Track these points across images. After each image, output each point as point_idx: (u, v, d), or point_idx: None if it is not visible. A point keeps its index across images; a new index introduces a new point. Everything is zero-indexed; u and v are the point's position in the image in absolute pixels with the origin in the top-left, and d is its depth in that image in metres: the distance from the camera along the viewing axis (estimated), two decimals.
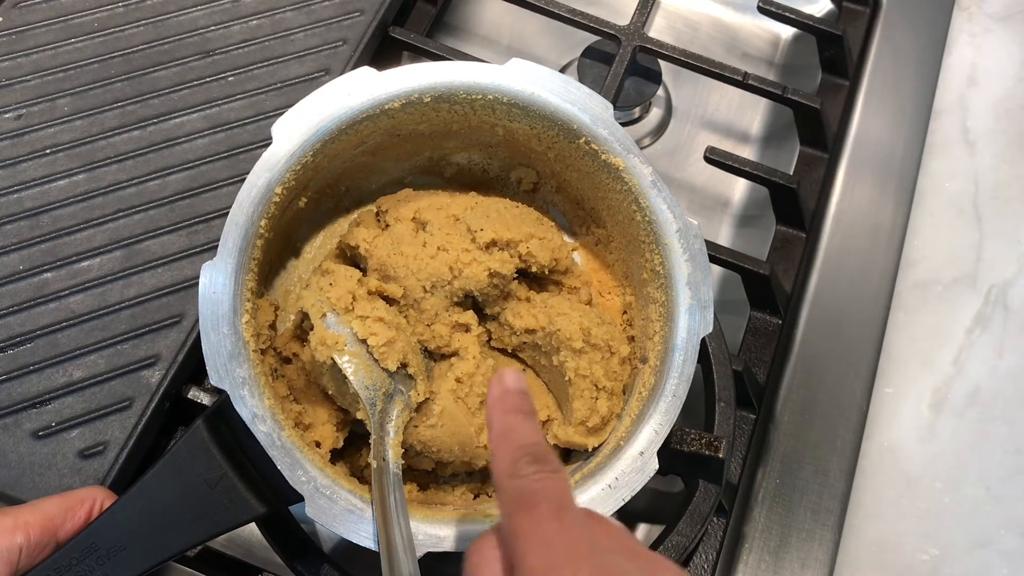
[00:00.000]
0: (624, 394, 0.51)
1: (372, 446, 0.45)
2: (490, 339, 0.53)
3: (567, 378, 0.49)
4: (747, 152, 0.77)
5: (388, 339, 0.46)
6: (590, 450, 0.49)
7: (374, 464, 0.45)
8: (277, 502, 0.45)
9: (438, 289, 0.50)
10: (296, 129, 0.48)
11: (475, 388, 0.49)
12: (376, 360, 0.46)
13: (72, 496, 0.44)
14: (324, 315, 0.46)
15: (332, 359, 0.45)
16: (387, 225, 0.53)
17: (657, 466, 0.46)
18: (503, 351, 0.53)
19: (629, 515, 0.62)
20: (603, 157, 0.50)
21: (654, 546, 0.52)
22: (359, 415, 0.46)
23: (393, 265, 0.50)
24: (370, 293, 0.48)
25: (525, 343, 0.52)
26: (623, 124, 0.65)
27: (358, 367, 0.45)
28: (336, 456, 0.49)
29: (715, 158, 0.67)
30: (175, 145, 0.62)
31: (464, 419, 0.48)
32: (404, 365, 0.47)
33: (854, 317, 0.64)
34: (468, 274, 0.49)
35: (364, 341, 0.45)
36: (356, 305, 0.47)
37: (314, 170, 0.50)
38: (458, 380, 0.49)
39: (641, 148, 0.58)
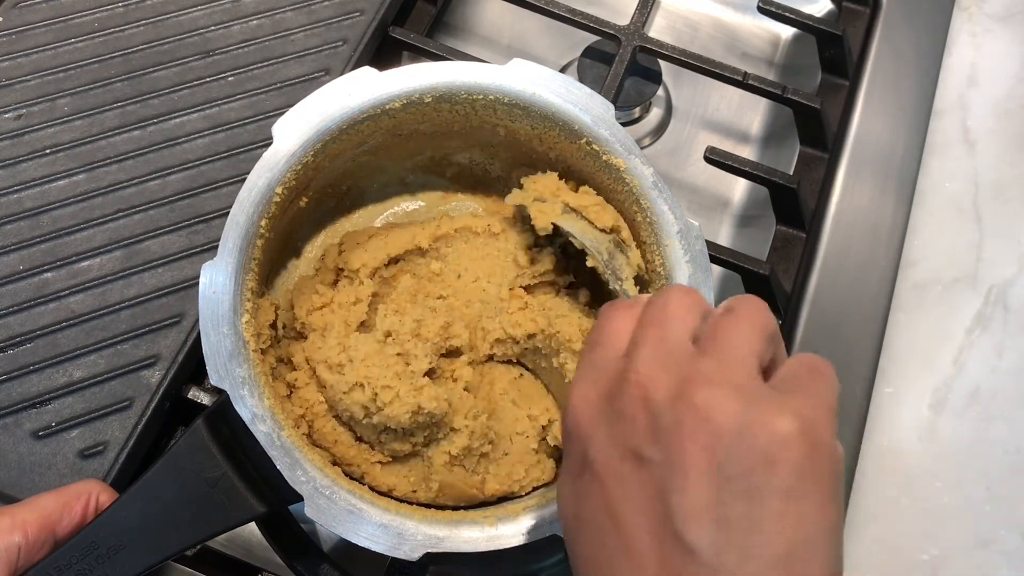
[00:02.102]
0: None
1: (616, 290, 0.48)
2: (492, 357, 0.53)
3: (568, 380, 0.49)
4: (747, 152, 0.77)
5: (598, 202, 0.50)
6: None
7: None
8: (277, 502, 0.45)
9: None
10: (297, 129, 0.48)
11: (472, 452, 0.49)
12: (591, 221, 0.49)
13: (68, 491, 0.44)
14: (533, 201, 0.50)
15: (553, 224, 0.49)
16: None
17: None
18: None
19: None
20: (604, 158, 0.50)
21: None
22: (589, 263, 0.48)
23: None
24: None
25: (527, 349, 0.52)
26: (623, 124, 0.65)
27: (578, 227, 0.49)
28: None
29: (715, 158, 0.67)
30: (175, 145, 0.62)
31: (464, 485, 0.48)
32: (616, 230, 0.50)
33: (854, 317, 0.64)
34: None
35: (575, 210, 0.49)
36: (560, 193, 0.51)
37: (315, 170, 0.50)
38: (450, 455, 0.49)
39: (641, 148, 0.58)
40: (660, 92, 0.77)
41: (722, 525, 0.31)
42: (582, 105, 0.50)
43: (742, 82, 0.70)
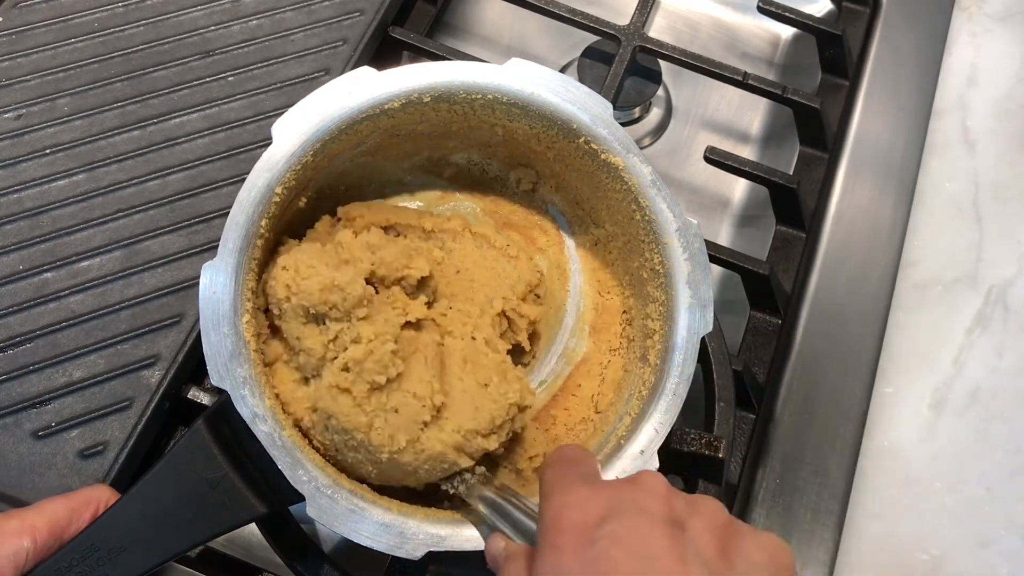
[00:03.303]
0: (502, 430, 0.47)
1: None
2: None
3: (475, 337, 0.47)
4: (747, 152, 0.77)
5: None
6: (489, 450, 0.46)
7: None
8: (278, 502, 0.45)
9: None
10: (296, 129, 0.48)
11: (364, 375, 0.44)
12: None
13: (77, 497, 0.44)
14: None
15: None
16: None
17: (658, 465, 0.46)
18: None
19: None
20: (603, 156, 0.50)
21: None
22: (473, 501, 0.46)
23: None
24: None
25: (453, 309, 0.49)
26: (623, 124, 0.65)
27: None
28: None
29: (715, 158, 0.67)
30: (175, 145, 0.62)
31: (346, 419, 0.44)
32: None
33: (854, 317, 0.64)
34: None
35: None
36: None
37: (314, 170, 0.50)
38: (345, 368, 0.44)
39: (641, 148, 0.58)
40: (660, 92, 0.77)
41: None
42: (580, 104, 0.50)
43: (742, 82, 0.70)
